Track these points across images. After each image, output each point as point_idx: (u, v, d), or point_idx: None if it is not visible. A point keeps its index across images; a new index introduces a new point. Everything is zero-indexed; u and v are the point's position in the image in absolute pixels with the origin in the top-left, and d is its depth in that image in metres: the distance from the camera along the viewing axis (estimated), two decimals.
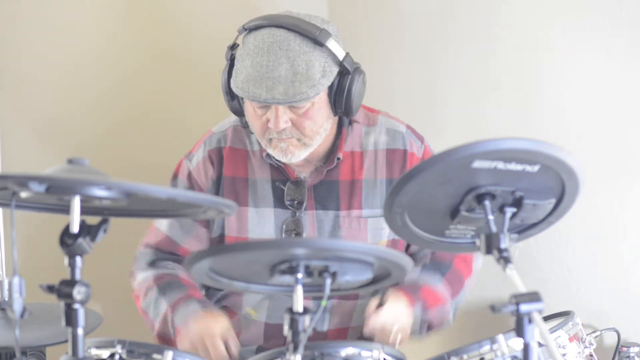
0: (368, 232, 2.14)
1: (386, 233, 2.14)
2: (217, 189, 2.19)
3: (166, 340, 2.11)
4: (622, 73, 2.33)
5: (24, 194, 1.37)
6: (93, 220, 1.45)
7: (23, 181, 1.34)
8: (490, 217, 1.47)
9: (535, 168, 1.43)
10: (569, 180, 1.47)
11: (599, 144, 2.37)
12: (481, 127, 2.59)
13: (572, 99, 2.42)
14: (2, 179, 1.36)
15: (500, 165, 1.42)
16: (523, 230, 1.58)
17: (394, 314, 2.04)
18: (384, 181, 2.14)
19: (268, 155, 2.13)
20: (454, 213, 1.50)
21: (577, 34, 2.39)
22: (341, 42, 2.06)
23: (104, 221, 1.45)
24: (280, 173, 2.16)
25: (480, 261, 2.23)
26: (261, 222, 2.15)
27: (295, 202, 2.14)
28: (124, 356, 1.77)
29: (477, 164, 1.40)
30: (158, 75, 2.91)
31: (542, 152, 1.41)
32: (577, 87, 2.41)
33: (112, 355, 1.77)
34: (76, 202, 1.38)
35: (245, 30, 2.06)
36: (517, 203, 1.49)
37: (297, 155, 2.07)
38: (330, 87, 2.04)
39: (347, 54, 2.04)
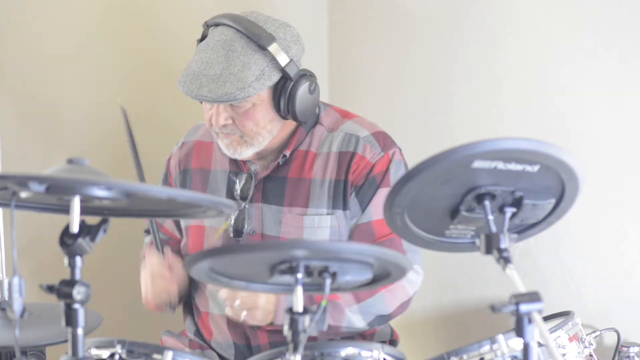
0: (304, 230, 2.14)
1: (326, 232, 2.14)
2: (184, 180, 2.28)
3: None
4: (622, 73, 2.33)
5: (24, 194, 1.37)
6: (93, 220, 1.45)
7: (23, 181, 1.34)
8: (490, 217, 1.47)
9: (535, 168, 1.43)
10: (569, 181, 1.47)
11: (599, 144, 2.37)
12: (483, 127, 2.58)
13: (571, 100, 2.42)
14: (2, 179, 1.37)
15: (500, 165, 1.42)
16: (523, 230, 1.58)
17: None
18: (332, 182, 2.15)
19: None
20: (454, 213, 1.50)
21: (577, 34, 2.39)
22: (294, 48, 2.07)
23: (104, 221, 1.45)
24: (236, 165, 2.21)
25: (418, 277, 2.15)
26: None
27: (243, 194, 2.18)
28: (124, 356, 1.77)
29: (477, 164, 1.40)
30: (159, 76, 2.91)
31: (542, 152, 1.41)
32: (577, 87, 2.41)
33: (112, 355, 1.77)
34: (76, 202, 1.38)
35: (208, 26, 2.12)
36: (517, 203, 1.49)
37: (241, 152, 2.12)
38: (275, 91, 2.07)
39: (291, 60, 2.05)
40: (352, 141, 2.16)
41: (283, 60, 2.04)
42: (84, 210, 1.43)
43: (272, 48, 2.03)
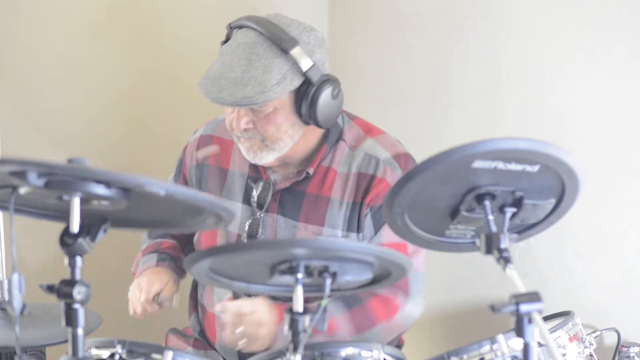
0: None
1: None
2: (201, 175, 2.24)
3: None
4: (622, 73, 2.33)
5: (23, 190, 1.36)
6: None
7: (22, 167, 1.32)
8: (490, 217, 1.47)
9: (535, 168, 1.44)
10: (569, 181, 1.47)
11: (599, 144, 2.37)
12: (484, 127, 2.59)
13: (571, 100, 2.42)
14: (1, 163, 1.34)
15: (500, 165, 1.42)
16: (523, 230, 1.58)
17: (249, 312, 1.97)
18: (349, 204, 2.12)
19: None
20: (454, 213, 1.50)
21: (577, 34, 2.40)
22: (318, 52, 2.04)
23: (104, 221, 1.45)
24: (256, 171, 2.18)
25: (418, 310, 2.12)
26: None
27: (260, 202, 2.16)
28: (124, 356, 1.77)
29: (477, 164, 1.40)
30: (160, 76, 2.91)
31: (542, 152, 1.41)
32: (577, 87, 2.41)
33: (112, 355, 1.77)
34: (76, 202, 1.38)
35: (231, 28, 2.09)
36: (517, 203, 1.49)
37: (261, 157, 2.09)
38: (297, 96, 2.04)
39: (314, 64, 2.02)
40: (372, 163, 2.11)
41: (306, 64, 2.00)
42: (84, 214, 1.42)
43: (295, 52, 1.99)
